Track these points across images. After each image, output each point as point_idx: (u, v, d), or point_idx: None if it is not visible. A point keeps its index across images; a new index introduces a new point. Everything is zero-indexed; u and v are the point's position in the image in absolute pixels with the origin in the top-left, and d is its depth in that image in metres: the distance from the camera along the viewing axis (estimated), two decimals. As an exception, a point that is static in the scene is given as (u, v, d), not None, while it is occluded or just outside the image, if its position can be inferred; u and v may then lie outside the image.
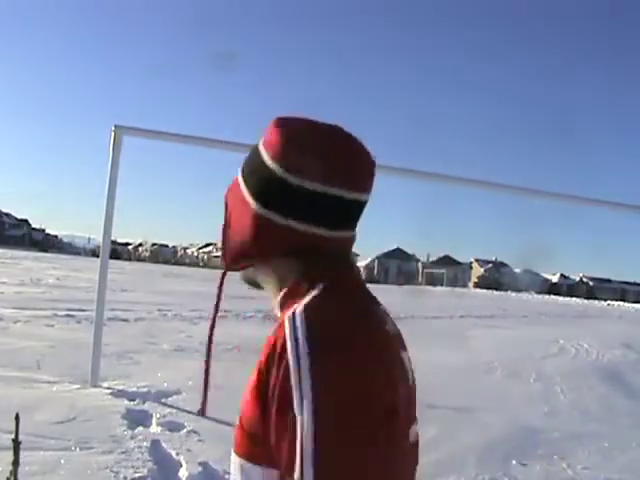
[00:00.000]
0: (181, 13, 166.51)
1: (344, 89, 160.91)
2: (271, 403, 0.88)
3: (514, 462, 5.23)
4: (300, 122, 1.05)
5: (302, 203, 0.98)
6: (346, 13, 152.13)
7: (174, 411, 5.74)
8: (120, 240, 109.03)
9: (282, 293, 1.04)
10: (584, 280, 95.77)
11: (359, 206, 1.03)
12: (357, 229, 1.08)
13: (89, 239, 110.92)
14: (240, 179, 1.08)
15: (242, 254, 1.05)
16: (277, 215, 1.00)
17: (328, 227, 1.00)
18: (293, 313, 0.92)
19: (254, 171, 1.04)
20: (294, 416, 0.84)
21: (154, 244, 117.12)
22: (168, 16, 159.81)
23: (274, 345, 0.91)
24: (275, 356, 0.90)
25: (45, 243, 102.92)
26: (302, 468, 0.83)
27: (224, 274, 1.11)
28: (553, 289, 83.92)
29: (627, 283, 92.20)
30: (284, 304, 1.02)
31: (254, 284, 1.13)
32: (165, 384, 6.66)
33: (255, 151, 1.06)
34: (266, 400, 0.90)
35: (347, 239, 1.04)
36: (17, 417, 1.84)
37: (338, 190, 0.99)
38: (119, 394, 6.17)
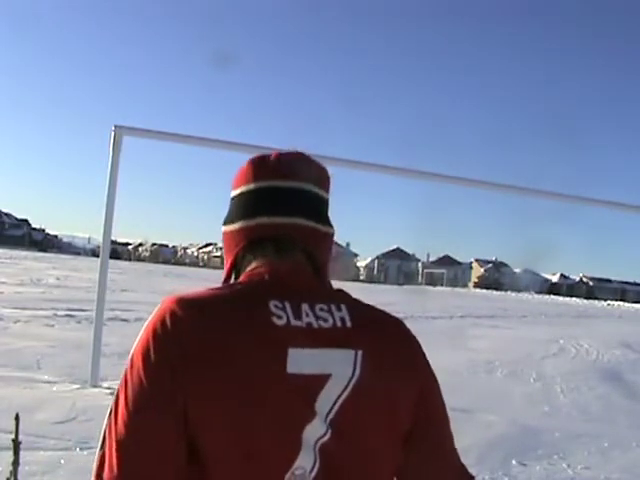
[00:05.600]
0: (181, 13, 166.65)
1: (346, 87, 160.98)
2: None
3: (514, 462, 5.23)
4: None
5: (237, 207, 1.16)
6: (350, 10, 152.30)
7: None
8: (120, 240, 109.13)
9: None
10: (584, 280, 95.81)
11: (283, 192, 1.12)
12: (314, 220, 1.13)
13: (89, 239, 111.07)
14: None
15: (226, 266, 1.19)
16: (226, 225, 1.17)
17: (265, 215, 1.11)
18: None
19: None
20: None
21: (154, 244, 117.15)
22: (168, 16, 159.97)
23: None
24: None
25: (45, 243, 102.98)
26: None
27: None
28: (553, 289, 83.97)
29: (627, 283, 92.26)
30: None
31: None
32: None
33: None
34: None
35: (287, 225, 1.11)
36: (17, 417, 1.84)
37: (247, 185, 1.14)
38: (119, 394, 6.17)
